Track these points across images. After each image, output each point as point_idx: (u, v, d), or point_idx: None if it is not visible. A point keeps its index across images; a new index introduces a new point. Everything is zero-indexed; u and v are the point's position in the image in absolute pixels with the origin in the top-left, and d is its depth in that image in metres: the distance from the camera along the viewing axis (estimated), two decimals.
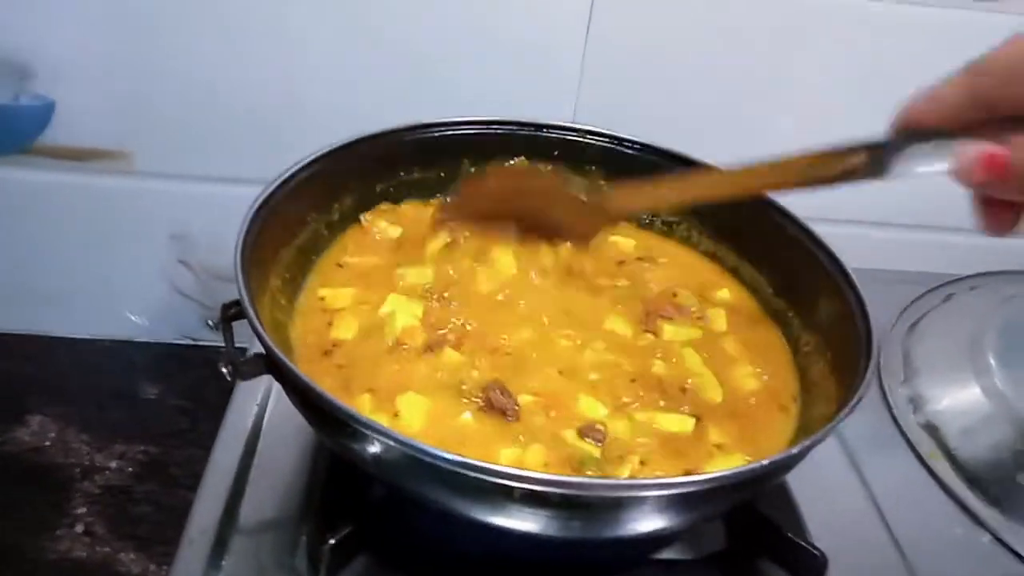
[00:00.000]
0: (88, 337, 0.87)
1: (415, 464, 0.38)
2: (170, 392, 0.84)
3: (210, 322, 0.45)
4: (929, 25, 0.73)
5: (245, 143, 0.76)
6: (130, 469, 0.77)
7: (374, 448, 0.39)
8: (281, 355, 0.41)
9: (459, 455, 0.37)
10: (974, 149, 0.38)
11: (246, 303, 0.43)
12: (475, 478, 0.37)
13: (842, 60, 0.75)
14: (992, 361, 0.62)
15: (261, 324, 0.42)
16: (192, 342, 0.88)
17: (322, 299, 0.54)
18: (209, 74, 0.73)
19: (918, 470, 0.59)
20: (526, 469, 0.38)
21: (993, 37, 0.38)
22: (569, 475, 0.43)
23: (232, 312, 0.46)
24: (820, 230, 0.55)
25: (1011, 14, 0.72)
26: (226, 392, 0.60)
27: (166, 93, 0.74)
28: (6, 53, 0.71)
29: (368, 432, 0.39)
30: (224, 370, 0.44)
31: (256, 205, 0.49)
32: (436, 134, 0.61)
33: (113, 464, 0.77)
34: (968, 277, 0.75)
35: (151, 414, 0.82)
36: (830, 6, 0.72)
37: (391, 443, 0.38)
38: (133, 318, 0.87)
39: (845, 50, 0.74)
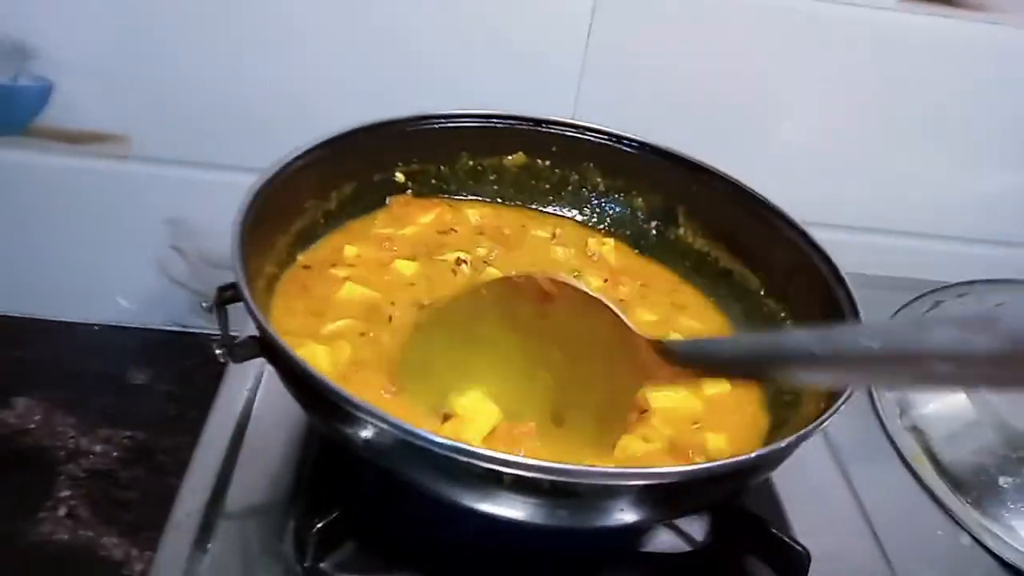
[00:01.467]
0: (77, 321, 0.87)
1: (407, 448, 0.38)
2: (158, 378, 0.83)
3: (204, 304, 0.45)
4: (935, 35, 0.73)
5: (242, 131, 0.76)
6: (115, 454, 0.76)
7: (366, 432, 0.39)
8: (276, 335, 0.41)
9: (451, 439, 0.37)
10: None
11: (242, 285, 0.43)
12: (466, 463, 0.38)
13: (845, 67, 0.75)
14: None
15: (257, 306, 0.42)
16: (181, 329, 0.88)
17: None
18: (208, 61, 0.73)
19: (903, 473, 0.60)
20: (517, 455, 0.38)
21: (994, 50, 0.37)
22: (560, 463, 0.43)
23: (227, 295, 0.46)
24: (813, 234, 0.55)
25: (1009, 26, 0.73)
26: (215, 379, 0.59)
27: (165, 79, 0.73)
28: (7, 33, 0.71)
29: (360, 415, 0.39)
30: (218, 352, 0.44)
31: (255, 190, 0.49)
32: (436, 126, 0.62)
33: (98, 448, 0.76)
34: (956, 285, 0.76)
35: (139, 400, 0.82)
36: (834, 13, 0.73)
37: (383, 426, 0.38)
38: (123, 303, 0.87)
39: (848, 57, 0.75)
